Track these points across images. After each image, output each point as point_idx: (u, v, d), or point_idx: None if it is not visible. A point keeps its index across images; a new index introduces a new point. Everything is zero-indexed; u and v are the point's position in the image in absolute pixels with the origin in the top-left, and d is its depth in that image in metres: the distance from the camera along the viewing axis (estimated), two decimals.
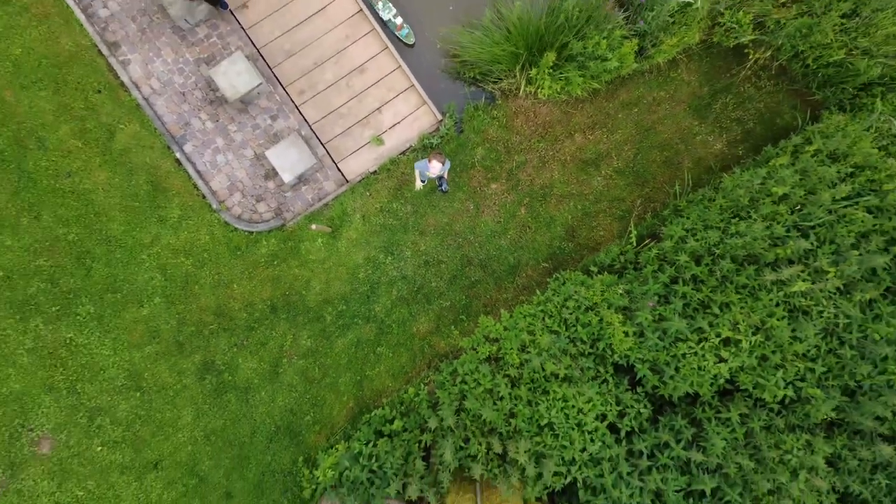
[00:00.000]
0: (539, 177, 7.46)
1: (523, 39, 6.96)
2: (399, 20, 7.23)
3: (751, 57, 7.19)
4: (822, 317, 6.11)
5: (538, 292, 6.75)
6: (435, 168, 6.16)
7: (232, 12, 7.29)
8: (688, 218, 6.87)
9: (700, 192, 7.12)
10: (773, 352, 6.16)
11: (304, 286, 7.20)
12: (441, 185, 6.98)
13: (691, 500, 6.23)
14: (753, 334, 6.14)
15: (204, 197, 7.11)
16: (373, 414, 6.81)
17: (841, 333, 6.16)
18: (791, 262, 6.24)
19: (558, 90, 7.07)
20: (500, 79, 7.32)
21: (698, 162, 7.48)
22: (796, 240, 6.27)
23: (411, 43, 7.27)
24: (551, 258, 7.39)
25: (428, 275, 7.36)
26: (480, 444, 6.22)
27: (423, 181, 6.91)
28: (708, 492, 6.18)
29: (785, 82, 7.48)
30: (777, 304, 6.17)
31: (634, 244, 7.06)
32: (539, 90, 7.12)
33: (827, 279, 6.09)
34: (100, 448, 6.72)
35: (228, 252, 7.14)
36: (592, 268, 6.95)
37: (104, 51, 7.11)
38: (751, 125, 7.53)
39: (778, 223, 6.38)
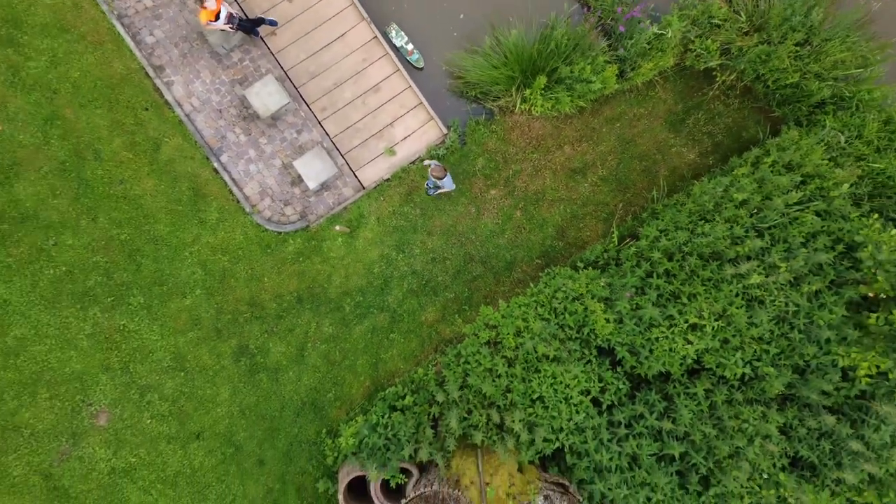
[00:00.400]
0: (532, 184, 8.41)
1: (518, 64, 7.90)
2: (410, 46, 8.18)
3: (718, 79, 8.14)
4: (774, 305, 7.05)
5: (532, 285, 7.70)
6: (443, 182, 7.18)
7: (262, 39, 8.24)
8: (662, 220, 7.82)
9: (674, 198, 8.06)
10: (733, 335, 7.10)
11: (325, 280, 8.14)
12: (429, 191, 7.95)
13: (662, 464, 7.18)
14: (716, 320, 7.09)
15: (238, 202, 8.05)
16: (387, 391, 7.76)
17: (791, 319, 7.11)
18: (748, 259, 7.18)
19: (549, 108, 8.01)
20: (498, 97, 8.26)
21: (673, 171, 8.43)
22: (753, 239, 7.21)
23: (421, 66, 8.21)
24: (543, 255, 8.34)
25: (435, 270, 8.31)
26: (481, 415, 7.17)
27: (431, 192, 7.91)
28: (677, 456, 7.13)
29: (749, 101, 8.43)
30: (736, 295, 7.11)
31: (616, 243, 8.00)
32: (532, 108, 8.06)
33: (779, 273, 7.04)
34: (149, 420, 7.66)
35: (260, 250, 8.08)
36: (579, 264, 7.89)
37: (150, 73, 8.06)
38: (720, 138, 8.48)
39: (738, 225, 7.32)
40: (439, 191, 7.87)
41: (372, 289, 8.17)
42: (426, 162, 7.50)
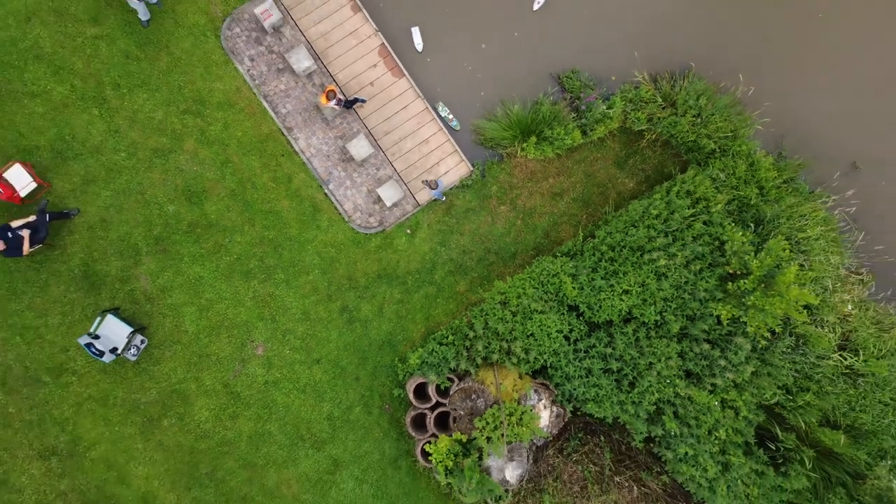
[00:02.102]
0: (528, 202, 12.78)
1: (519, 127, 12.25)
2: (450, 115, 12.54)
3: (646, 136, 12.49)
4: (673, 278, 11.42)
5: (527, 267, 12.05)
6: (435, 192, 11.60)
7: (355, 110, 12.62)
8: (609, 226, 12.17)
9: (619, 212, 12.39)
10: (649, 296, 11.48)
11: (395, 264, 12.51)
12: (433, 194, 12.18)
13: (606, 375, 11.57)
14: (639, 287, 11.49)
15: (340, 214, 12.42)
16: (436, 334, 12.09)
17: (683, 286, 11.45)
18: (659, 250, 11.57)
19: (538, 154, 12.34)
20: (506, 147, 12.58)
21: (619, 194, 12.81)
22: (662, 238, 11.60)
23: (458, 129, 12.61)
24: (535, 248, 12.72)
25: (464, 258, 12.68)
26: (496, 345, 11.54)
27: (436, 197, 12.29)
28: (614, 369, 11.49)
29: (667, 149, 12.79)
30: (651, 272, 11.51)
31: (581, 240, 12.35)
32: (527, 154, 12.38)
33: (677, 258, 11.42)
34: (288, 351, 12.03)
35: (353, 245, 12.45)
36: (557, 254, 12.23)
37: (284, 132, 12.43)
38: (649, 173, 12.86)
39: (653, 229, 11.71)
40: (433, 193, 12.09)
41: (424, 270, 12.54)
42: (431, 178, 11.92)
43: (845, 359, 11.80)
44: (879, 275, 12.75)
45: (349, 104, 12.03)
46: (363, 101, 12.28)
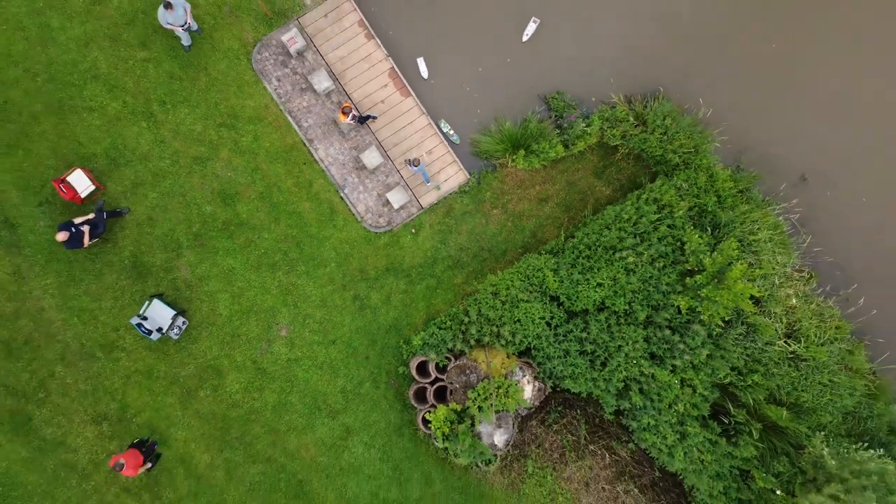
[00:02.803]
0: (517, 206, 14.59)
1: (510, 141, 14.04)
2: (451, 131, 14.35)
3: (620, 150, 14.29)
4: (640, 273, 13.26)
5: (516, 263, 13.87)
6: (418, 168, 13.34)
7: (367, 124, 14.43)
8: (587, 228, 14.00)
9: (596, 216, 14.18)
10: (619, 289, 13.31)
11: (401, 259, 14.32)
12: (412, 168, 13.78)
13: (581, 356, 13.37)
14: (611, 281, 13.31)
15: (354, 215, 14.23)
16: (436, 319, 13.91)
17: (649, 280, 13.29)
18: (628, 249, 13.38)
19: (527, 165, 14.13)
20: (499, 158, 14.36)
21: (596, 200, 14.63)
22: (631, 238, 13.42)
23: (457, 143, 14.43)
24: (522, 247, 14.54)
25: (461, 254, 14.49)
26: (487, 328, 13.36)
27: (416, 172, 13.97)
28: (588, 350, 13.32)
29: (639, 162, 14.61)
30: (621, 268, 13.32)
31: (563, 240, 14.17)
32: (517, 164, 14.22)
33: (643, 256, 13.25)
34: (308, 333, 13.84)
35: (365, 242, 14.26)
36: (542, 251, 14.06)
37: (306, 143, 14.24)
38: (623, 182, 14.67)
39: (624, 231, 13.53)
40: (414, 170, 13.65)
41: (426, 264, 14.36)
42: (415, 157, 13.65)
43: (790, 345, 13.62)
44: (822, 273, 14.58)
45: (362, 119, 13.85)
46: (374, 117, 14.09)
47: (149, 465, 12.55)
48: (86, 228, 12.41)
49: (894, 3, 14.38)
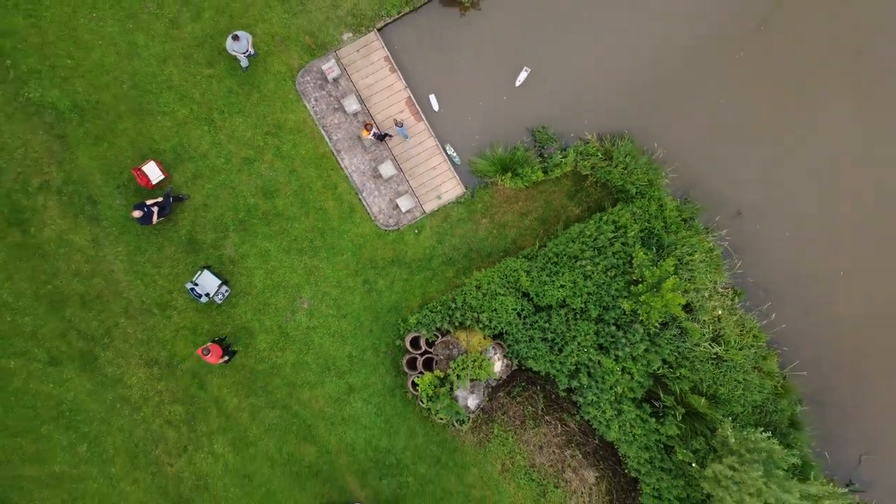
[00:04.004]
0: (503, 217, 17.70)
1: (500, 164, 17.12)
2: (454, 153, 17.50)
3: (589, 178, 17.37)
4: (595, 278, 16.40)
5: (497, 264, 16.96)
6: (401, 129, 16.38)
7: (385, 141, 17.55)
8: (557, 240, 17.12)
9: (565, 231, 17.24)
10: (578, 291, 16.45)
11: (404, 253, 17.41)
12: (400, 131, 16.94)
13: (543, 342, 16.50)
14: (571, 284, 16.44)
15: (369, 215, 17.37)
16: (430, 304, 16.99)
17: (601, 286, 16.42)
18: (587, 259, 16.50)
19: (513, 185, 17.26)
20: (491, 177, 17.50)
21: (567, 218, 17.71)
22: (590, 251, 16.54)
23: (459, 163, 17.56)
24: (504, 251, 17.61)
25: (454, 253, 17.59)
26: (470, 314, 16.50)
27: (401, 133, 17.18)
28: (549, 338, 16.45)
29: (604, 189, 17.72)
30: (581, 274, 16.44)
31: (537, 248, 17.26)
32: (505, 183, 17.35)
33: (599, 266, 16.39)
34: (325, 307, 16.92)
35: (376, 237, 17.37)
36: (519, 256, 17.14)
37: (335, 153, 17.35)
38: (590, 204, 17.74)
39: (585, 244, 16.65)
40: (399, 131, 16.58)
41: (424, 259, 17.47)
42: (401, 119, 16.70)
43: (713, 347, 16.75)
44: (747, 291, 17.70)
45: (381, 137, 17.00)
46: (390, 136, 17.26)
47: (227, 357, 15.65)
48: (155, 209, 15.55)
49: (819, 62, 17.49)
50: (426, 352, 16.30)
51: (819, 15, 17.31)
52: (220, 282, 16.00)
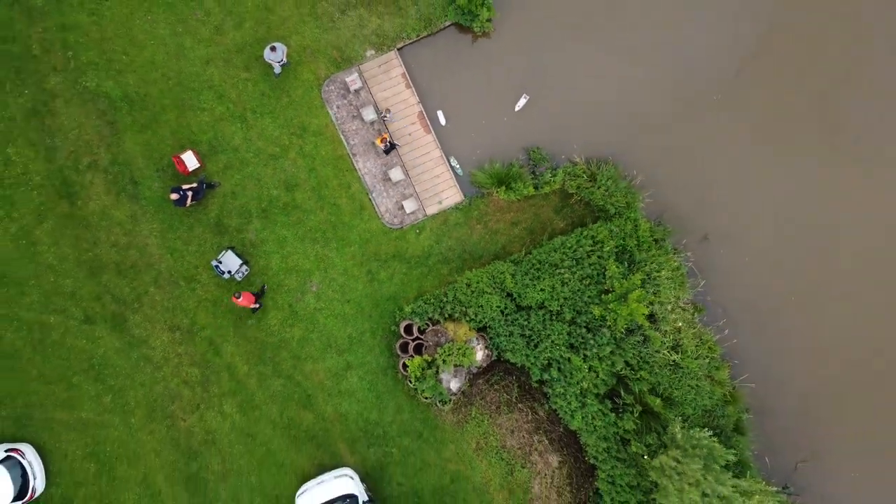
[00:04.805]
0: (495, 225, 19.80)
1: (497, 178, 19.29)
2: (457, 165, 19.63)
3: (574, 196, 19.47)
4: (572, 285, 18.52)
5: (487, 266, 19.04)
6: (390, 116, 18.52)
7: (396, 150, 19.67)
8: (541, 248, 19.23)
9: (549, 242, 19.35)
10: (556, 295, 18.58)
11: (405, 250, 19.46)
12: (387, 117, 19.30)
13: (521, 337, 18.61)
14: (550, 288, 18.56)
15: (377, 214, 19.49)
16: (424, 296, 19.04)
17: (576, 292, 18.52)
18: (566, 268, 18.60)
19: (507, 197, 19.35)
20: (487, 188, 19.62)
21: (552, 230, 19.74)
22: (569, 261, 18.66)
23: (461, 174, 19.69)
24: (494, 255, 19.67)
25: (449, 253, 19.68)
26: (459, 308, 18.62)
27: (388, 119, 19.41)
28: (527, 335, 18.53)
29: (588, 207, 19.82)
30: (559, 281, 18.57)
31: (523, 255, 19.38)
32: (500, 195, 19.46)
33: (576, 275, 18.50)
34: (331, 292, 18.85)
35: (381, 234, 19.46)
36: (507, 260, 19.23)
37: (350, 156, 19.44)
38: (574, 219, 19.81)
39: (566, 255, 18.76)
40: (388, 117, 18.89)
41: (423, 257, 19.54)
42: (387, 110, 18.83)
43: (671, 355, 18.91)
44: (708, 308, 19.84)
45: (393, 146, 19.16)
46: (399, 146, 19.39)
47: (258, 304, 17.80)
48: (189, 193, 17.65)
49: (786, 108, 19.64)
50: (417, 338, 18.42)
51: (789, 69, 19.48)
52: (241, 262, 18.11)
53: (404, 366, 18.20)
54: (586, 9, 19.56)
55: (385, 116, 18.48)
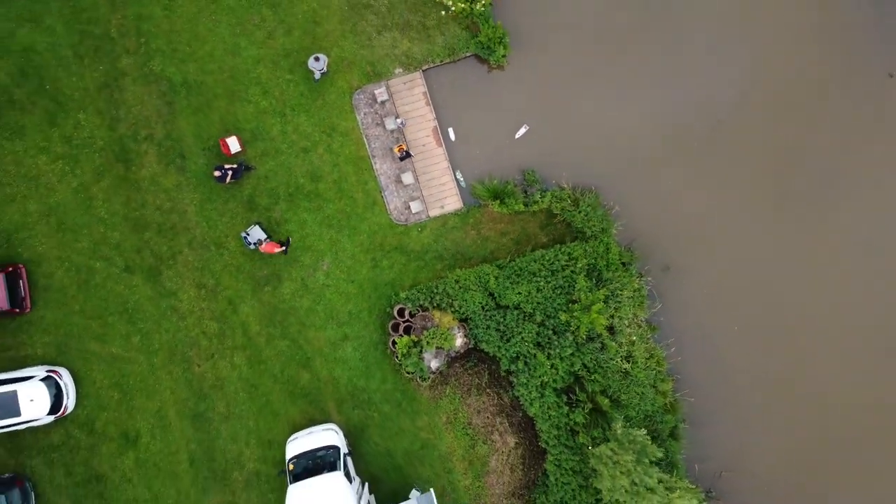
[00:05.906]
0: (487, 233, 22.65)
1: (493, 192, 22.17)
2: (461, 177, 22.59)
3: (558, 217, 22.35)
4: (544, 293, 21.46)
5: (475, 267, 21.97)
6: (399, 121, 21.64)
7: (410, 158, 22.59)
8: (524, 258, 22.16)
9: (532, 253, 22.30)
10: (531, 299, 21.54)
11: (407, 245, 22.30)
12: (400, 122, 22.33)
13: (496, 331, 21.52)
14: (526, 292, 21.51)
15: (387, 210, 22.40)
16: (418, 286, 21.91)
17: (548, 299, 21.51)
18: (542, 278, 21.57)
19: (500, 210, 22.27)
20: (484, 200, 22.53)
21: (536, 243, 22.60)
22: (546, 272, 21.60)
23: (464, 185, 22.61)
24: (483, 258, 22.52)
25: (444, 252, 22.54)
26: (446, 300, 21.56)
27: (399, 126, 22.40)
28: (501, 329, 21.45)
29: (569, 227, 22.72)
30: (534, 287, 21.52)
31: (508, 261, 22.29)
32: (494, 208, 22.35)
33: (549, 284, 21.45)
34: (338, 272, 21.60)
35: (389, 228, 22.30)
36: (493, 264, 22.18)
37: (370, 158, 22.36)
38: (556, 236, 22.60)
39: (543, 266, 21.71)
40: (398, 121, 21.88)
41: (421, 252, 22.45)
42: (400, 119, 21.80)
43: (624, 363, 21.87)
44: (661, 327, 22.80)
45: (409, 155, 22.12)
46: (413, 155, 22.35)
47: (284, 248, 20.62)
48: (230, 172, 20.60)
49: (752, 164, 22.61)
50: (408, 320, 21.37)
51: (756, 132, 22.50)
52: (266, 236, 21.03)
53: (394, 343, 21.13)
54: (591, 58, 22.51)
55: (400, 124, 21.36)
